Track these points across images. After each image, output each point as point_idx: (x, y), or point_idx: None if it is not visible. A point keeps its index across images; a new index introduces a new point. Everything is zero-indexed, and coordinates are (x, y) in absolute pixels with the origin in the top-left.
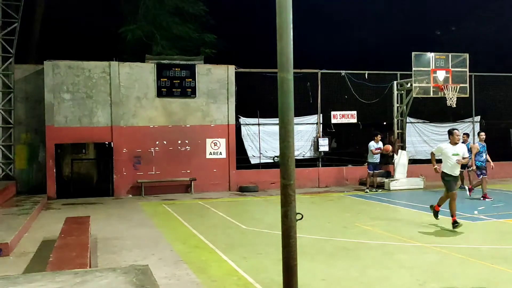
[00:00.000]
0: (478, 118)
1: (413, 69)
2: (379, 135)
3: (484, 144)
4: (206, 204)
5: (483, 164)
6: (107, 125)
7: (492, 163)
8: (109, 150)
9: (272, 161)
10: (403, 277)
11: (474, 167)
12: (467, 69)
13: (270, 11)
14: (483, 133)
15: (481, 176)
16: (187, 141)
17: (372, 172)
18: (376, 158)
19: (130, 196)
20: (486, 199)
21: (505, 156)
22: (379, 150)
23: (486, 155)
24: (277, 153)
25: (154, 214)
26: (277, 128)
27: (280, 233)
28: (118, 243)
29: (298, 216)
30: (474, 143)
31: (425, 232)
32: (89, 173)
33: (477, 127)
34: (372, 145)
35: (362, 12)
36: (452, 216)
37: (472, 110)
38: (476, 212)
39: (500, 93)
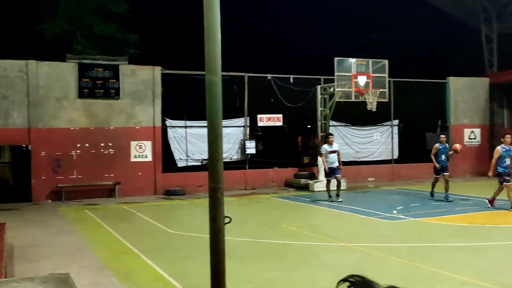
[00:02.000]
0: (397, 122)
1: (336, 74)
2: (331, 137)
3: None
4: (131, 209)
5: (506, 170)
6: (24, 127)
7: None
8: (27, 153)
9: (200, 164)
10: (328, 276)
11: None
12: (387, 75)
13: (198, 12)
14: (508, 136)
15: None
16: (110, 144)
17: (329, 178)
18: (332, 162)
19: (50, 201)
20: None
21: (421, 158)
22: (333, 154)
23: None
24: (205, 156)
25: (76, 220)
26: (204, 130)
27: (208, 236)
28: (37, 251)
29: (227, 220)
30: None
31: (348, 232)
32: (5, 177)
33: (396, 130)
34: (325, 148)
35: (287, 17)
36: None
37: (390, 114)
38: (395, 212)
39: (416, 98)
